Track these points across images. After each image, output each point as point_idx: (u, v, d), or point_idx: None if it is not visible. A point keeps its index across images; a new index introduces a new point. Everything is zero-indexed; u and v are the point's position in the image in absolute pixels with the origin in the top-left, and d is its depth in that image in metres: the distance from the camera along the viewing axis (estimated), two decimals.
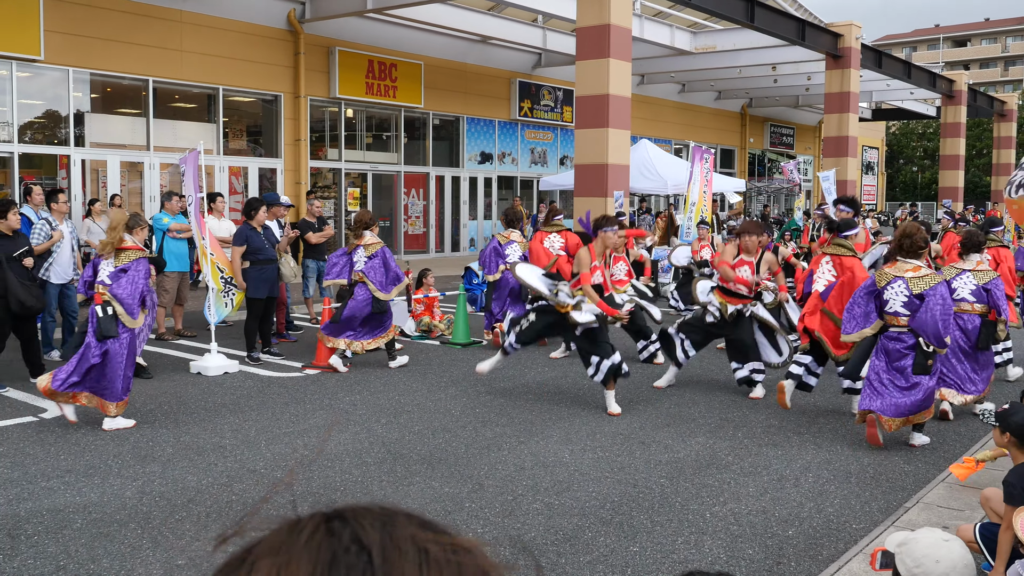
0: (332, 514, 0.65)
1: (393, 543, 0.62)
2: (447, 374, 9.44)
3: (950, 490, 5.64)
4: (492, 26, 21.77)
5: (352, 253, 9.80)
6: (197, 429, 7.15)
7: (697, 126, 31.54)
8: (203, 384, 8.84)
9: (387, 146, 22.44)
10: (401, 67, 21.23)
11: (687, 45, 24.18)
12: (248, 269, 9.87)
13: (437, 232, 23.41)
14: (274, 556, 0.62)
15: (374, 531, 0.63)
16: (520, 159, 25.39)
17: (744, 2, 19.95)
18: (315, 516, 0.66)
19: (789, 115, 37.16)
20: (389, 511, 0.66)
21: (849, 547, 4.81)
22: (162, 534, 4.93)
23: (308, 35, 19.19)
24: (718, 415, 7.77)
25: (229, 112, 18.82)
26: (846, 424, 7.50)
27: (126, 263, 7.24)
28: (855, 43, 24.29)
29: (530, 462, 6.33)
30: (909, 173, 60.50)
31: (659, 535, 4.99)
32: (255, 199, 10.55)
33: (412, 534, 0.64)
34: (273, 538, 0.64)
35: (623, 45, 16.11)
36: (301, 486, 5.80)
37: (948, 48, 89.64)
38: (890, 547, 3.05)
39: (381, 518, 0.65)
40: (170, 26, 17.03)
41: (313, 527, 0.64)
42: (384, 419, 7.52)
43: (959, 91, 33.85)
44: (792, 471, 6.19)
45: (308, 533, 0.63)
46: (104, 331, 7.03)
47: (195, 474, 5.99)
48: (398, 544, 0.62)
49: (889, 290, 6.65)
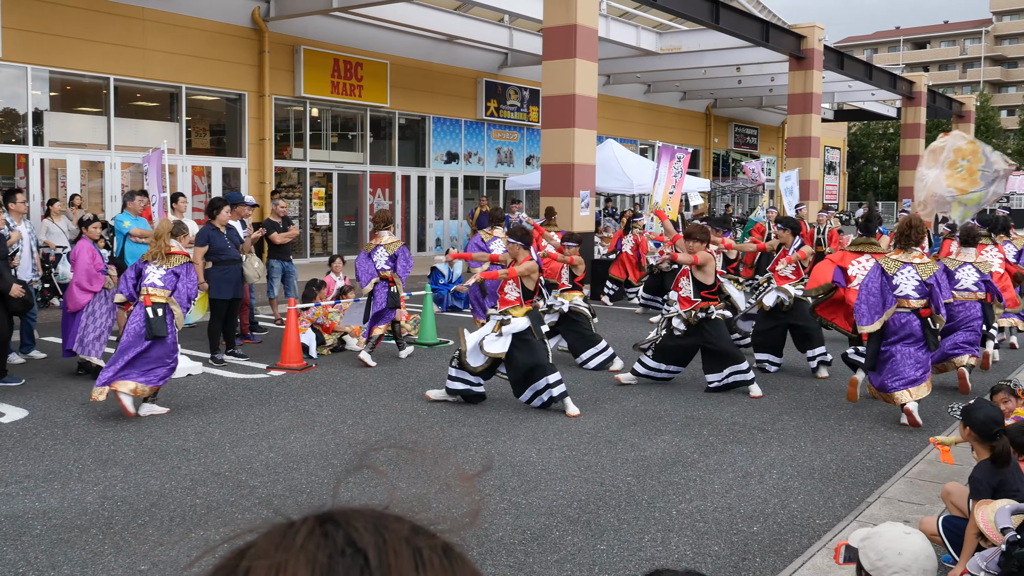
0: (324, 516, 0.65)
1: (388, 545, 0.62)
2: (413, 374, 9.41)
3: (911, 485, 5.72)
4: (458, 25, 21.74)
5: (372, 253, 10.22)
6: (160, 432, 7.06)
7: (662, 126, 31.71)
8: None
9: (353, 146, 22.33)
10: (367, 66, 21.13)
11: (653, 46, 24.31)
12: (211, 270, 9.77)
13: (403, 232, 23.32)
14: (270, 559, 0.61)
15: (368, 533, 0.63)
16: (486, 159, 25.38)
17: (709, 3, 20.11)
18: (307, 519, 0.65)
19: (753, 116, 37.49)
20: (380, 514, 0.66)
21: (813, 542, 4.86)
22: (124, 539, 4.87)
23: (273, 33, 19.04)
24: (684, 413, 7.82)
25: (192, 111, 18.62)
26: (809, 421, 7.59)
27: (177, 267, 7.75)
28: (818, 45, 24.57)
29: (497, 461, 6.33)
30: (870, 173, 61.31)
31: (626, 533, 5.01)
32: (218, 199, 10.44)
33: (405, 536, 0.64)
34: (267, 541, 0.63)
35: (589, 45, 16.17)
36: (265, 489, 5.74)
37: (908, 50, 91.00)
38: (853, 542, 3.08)
39: (373, 520, 0.65)
40: (132, 23, 16.81)
41: (308, 530, 0.63)
42: (350, 420, 7.48)
43: (919, 92, 34.36)
44: (757, 468, 6.25)
45: (303, 536, 0.63)
46: (155, 331, 7.48)
47: (158, 478, 5.92)
48: (393, 546, 0.62)
49: (899, 275, 7.38)
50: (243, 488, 5.73)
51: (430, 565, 0.62)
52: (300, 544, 0.62)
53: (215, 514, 5.25)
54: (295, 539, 0.62)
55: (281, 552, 0.61)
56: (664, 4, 18.59)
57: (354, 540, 0.62)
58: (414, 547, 0.63)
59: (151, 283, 7.62)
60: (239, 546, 0.64)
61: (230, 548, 0.64)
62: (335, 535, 0.63)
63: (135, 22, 16.86)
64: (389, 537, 0.63)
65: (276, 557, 0.61)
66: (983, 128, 57.31)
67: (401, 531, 0.64)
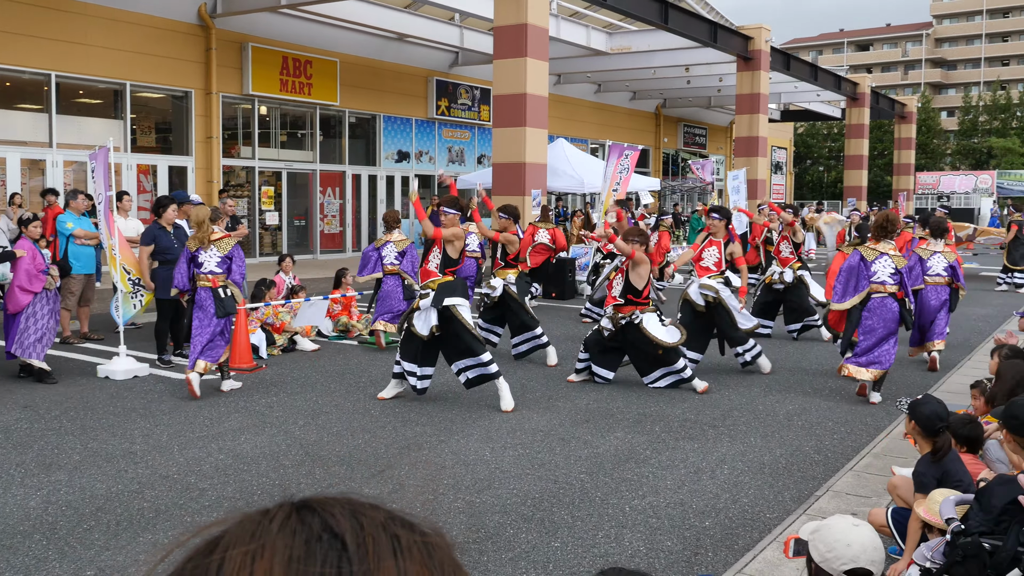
0: (299, 504, 0.65)
1: (365, 531, 0.62)
2: (366, 374, 9.34)
3: (858, 478, 5.83)
4: (408, 24, 21.65)
5: (381, 248, 10.84)
6: (106, 435, 6.92)
7: (613, 126, 31.90)
8: (111, 388, 8.56)
9: (302, 144, 22.11)
10: (316, 64, 20.94)
11: (603, 46, 24.45)
12: (157, 269, 9.60)
13: (354, 231, 23.16)
14: (246, 544, 0.60)
15: (345, 519, 0.62)
16: (437, 158, 25.30)
17: (658, 4, 20.27)
18: (283, 506, 0.65)
19: (702, 116, 37.89)
20: (356, 501, 0.66)
21: (764, 536, 4.92)
22: (69, 544, 4.76)
23: (220, 30, 18.77)
24: (636, 410, 7.88)
25: (137, 108, 18.28)
26: (759, 417, 7.69)
27: (228, 251, 8.36)
28: (764, 46, 24.91)
29: (451, 460, 6.31)
30: (816, 173, 62.33)
31: (580, 530, 5.03)
32: (164, 197, 10.27)
33: (382, 522, 0.63)
34: (242, 527, 0.62)
35: (540, 45, 16.20)
36: (215, 491, 5.66)
37: (852, 52, 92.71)
38: (803, 535, 3.13)
39: (349, 507, 0.64)
40: (74, 19, 16.45)
41: (283, 516, 0.63)
42: (302, 420, 7.40)
43: (862, 94, 35.01)
44: (708, 464, 6.31)
45: (279, 522, 0.62)
46: (228, 309, 8.23)
47: (104, 481, 5.80)
48: (370, 532, 0.62)
49: (877, 263, 8.30)
50: (192, 491, 5.64)
51: (407, 551, 0.61)
52: (276, 530, 0.61)
53: (163, 517, 5.16)
54: (271, 525, 0.62)
55: (257, 539, 0.61)
56: (614, 4, 18.70)
57: (331, 526, 0.62)
58: (391, 533, 0.62)
59: (209, 270, 8.25)
60: (212, 534, 0.63)
61: (203, 537, 0.63)
62: (311, 521, 0.62)
63: (77, 17, 16.50)
64: (366, 523, 0.62)
65: (252, 544, 0.60)
66: (924, 129, 58.59)
67: (378, 517, 0.64)
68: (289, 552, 0.59)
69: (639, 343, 8.62)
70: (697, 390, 8.56)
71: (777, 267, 11.64)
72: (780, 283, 11.50)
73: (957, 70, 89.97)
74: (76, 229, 10.75)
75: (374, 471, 6.09)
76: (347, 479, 5.90)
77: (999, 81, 75.34)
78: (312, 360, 10.12)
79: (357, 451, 6.54)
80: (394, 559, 0.60)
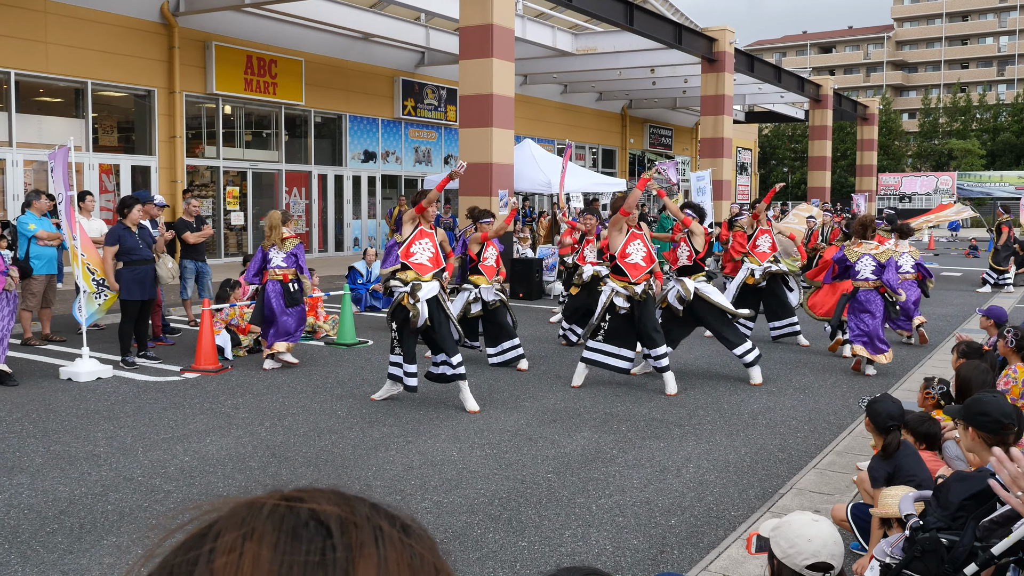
0: (287, 494, 0.67)
1: (349, 520, 0.64)
2: (332, 375, 9.31)
3: (821, 476, 5.92)
4: (374, 23, 21.58)
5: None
6: (69, 438, 6.84)
7: (579, 126, 32.02)
8: (74, 390, 8.46)
9: (267, 144, 21.96)
10: (281, 63, 20.81)
11: (568, 46, 24.53)
12: (122, 270, 9.49)
13: (320, 231, 23.04)
14: (238, 529, 0.63)
15: (331, 508, 0.65)
16: (404, 158, 25.25)
17: (623, 5, 20.38)
18: (272, 495, 0.68)
19: (667, 116, 38.14)
20: (342, 493, 0.68)
21: (729, 533, 4.98)
22: (32, 548, 4.70)
23: (183, 28, 18.60)
24: (603, 410, 7.92)
25: (99, 107, 18.06)
26: (724, 416, 7.77)
27: (292, 248, 9.66)
28: (729, 48, 25.13)
29: (418, 461, 6.32)
30: (780, 174, 62.97)
31: (547, 529, 5.06)
32: (129, 197, 10.14)
33: (366, 513, 0.66)
34: (234, 513, 0.65)
35: (506, 45, 16.23)
36: (180, 493, 5.62)
37: (815, 54, 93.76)
38: (764, 532, 3.17)
39: (335, 498, 0.67)
40: (34, 16, 16.21)
41: (272, 504, 0.65)
42: (268, 422, 7.36)
43: (825, 95, 35.44)
44: (674, 462, 6.37)
45: (269, 508, 0.65)
46: (296, 300, 9.60)
47: (67, 484, 5.74)
48: (354, 521, 0.64)
49: (860, 263, 9.38)
50: (157, 493, 5.59)
51: (390, 540, 0.64)
52: (267, 515, 0.64)
53: (128, 520, 5.12)
54: (261, 511, 0.65)
55: (248, 522, 0.63)
56: (579, 5, 18.78)
57: (317, 513, 0.64)
58: (375, 524, 0.65)
59: (277, 265, 9.52)
60: (204, 521, 0.66)
61: (196, 524, 0.66)
62: (299, 509, 0.65)
63: (37, 15, 16.27)
64: (350, 513, 0.65)
65: (243, 526, 0.63)
66: (885, 130, 59.43)
67: (361, 508, 0.66)
68: (277, 536, 0.62)
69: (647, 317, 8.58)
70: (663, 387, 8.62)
71: (752, 264, 11.35)
72: (761, 281, 11.25)
73: (918, 72, 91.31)
74: (38, 231, 10.60)
75: (341, 471, 6.08)
76: (314, 480, 5.89)
77: (959, 84, 76.64)
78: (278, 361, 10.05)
79: (324, 452, 6.52)
80: (376, 547, 0.63)
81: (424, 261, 7.86)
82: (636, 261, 8.49)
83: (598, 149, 34.06)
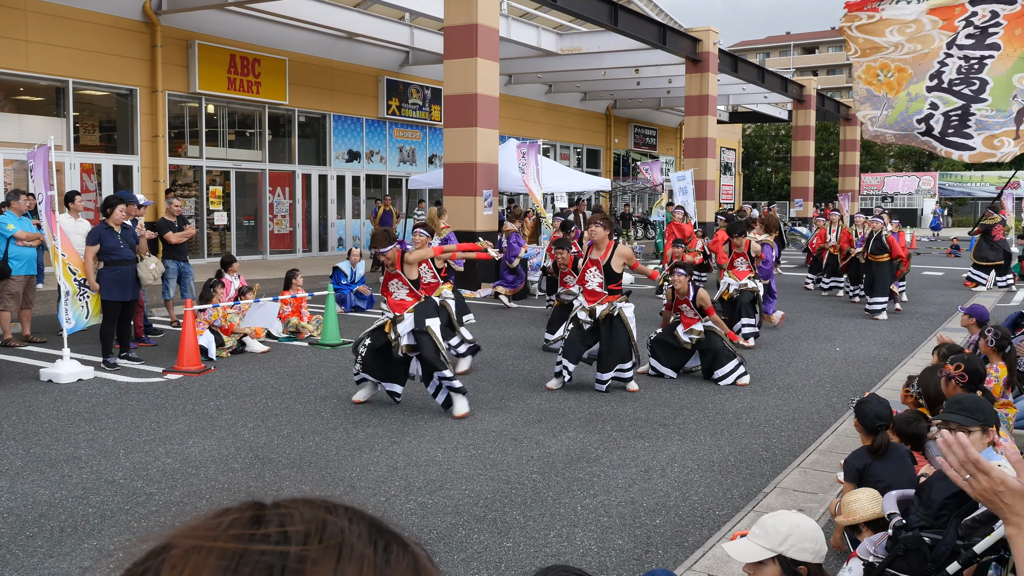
0: (261, 508, 0.66)
1: (313, 535, 0.62)
2: (316, 376, 9.27)
3: (805, 475, 5.93)
4: (358, 23, 21.51)
5: (444, 240, 11.77)
6: (49, 440, 6.78)
7: (564, 127, 32.04)
8: (55, 392, 8.39)
9: (251, 143, 21.85)
10: (265, 62, 20.72)
11: (553, 46, 24.53)
12: (103, 270, 9.42)
13: (304, 232, 22.96)
14: (192, 541, 0.63)
15: (299, 526, 0.63)
16: (388, 158, 25.19)
17: (608, 5, 20.40)
18: (244, 505, 0.67)
19: (652, 117, 38.21)
20: (329, 505, 0.67)
21: (713, 533, 4.99)
22: (11, 552, 4.66)
23: (165, 27, 18.48)
24: (588, 410, 7.92)
25: (81, 106, 17.92)
26: (708, 416, 7.78)
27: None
28: (713, 48, 25.20)
29: (403, 462, 6.30)
30: (764, 174, 63.21)
31: (532, 529, 5.05)
32: (112, 196, 10.05)
33: (339, 529, 0.64)
34: (194, 522, 0.65)
35: (490, 45, 16.21)
36: (163, 496, 5.57)
37: (798, 55, 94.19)
38: (768, 545, 3.19)
39: (312, 512, 0.65)
40: (13, 14, 16.08)
41: (232, 519, 0.64)
42: (251, 423, 7.32)
43: (809, 96, 35.59)
44: (659, 462, 6.37)
45: (229, 522, 0.64)
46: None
47: (47, 487, 5.68)
48: (320, 536, 0.62)
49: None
50: (139, 495, 5.55)
51: (355, 559, 0.62)
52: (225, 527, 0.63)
53: (109, 523, 5.07)
54: (225, 517, 0.64)
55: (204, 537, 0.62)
56: (563, 5, 18.78)
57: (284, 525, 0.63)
58: (342, 541, 0.63)
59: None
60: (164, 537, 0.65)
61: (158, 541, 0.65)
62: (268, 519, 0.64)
63: (17, 13, 16.13)
64: (319, 528, 0.63)
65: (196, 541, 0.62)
66: None
67: (336, 524, 0.64)
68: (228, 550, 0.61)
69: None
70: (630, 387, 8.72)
71: (731, 279, 11.74)
72: (736, 293, 11.62)
73: None
74: (18, 231, 10.50)
75: (325, 472, 6.05)
76: (298, 482, 5.86)
77: None
78: (262, 362, 10.02)
79: (308, 453, 6.49)
80: (334, 562, 0.61)
81: (403, 298, 7.85)
82: (592, 288, 8.77)
83: (583, 149, 34.09)
